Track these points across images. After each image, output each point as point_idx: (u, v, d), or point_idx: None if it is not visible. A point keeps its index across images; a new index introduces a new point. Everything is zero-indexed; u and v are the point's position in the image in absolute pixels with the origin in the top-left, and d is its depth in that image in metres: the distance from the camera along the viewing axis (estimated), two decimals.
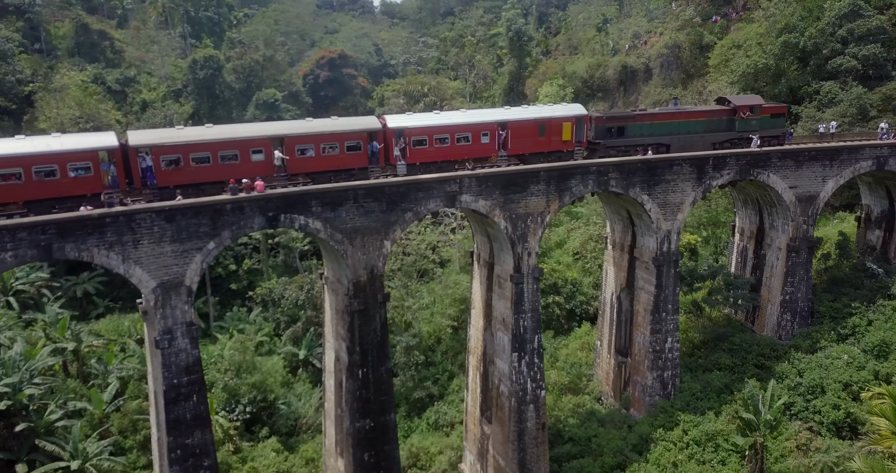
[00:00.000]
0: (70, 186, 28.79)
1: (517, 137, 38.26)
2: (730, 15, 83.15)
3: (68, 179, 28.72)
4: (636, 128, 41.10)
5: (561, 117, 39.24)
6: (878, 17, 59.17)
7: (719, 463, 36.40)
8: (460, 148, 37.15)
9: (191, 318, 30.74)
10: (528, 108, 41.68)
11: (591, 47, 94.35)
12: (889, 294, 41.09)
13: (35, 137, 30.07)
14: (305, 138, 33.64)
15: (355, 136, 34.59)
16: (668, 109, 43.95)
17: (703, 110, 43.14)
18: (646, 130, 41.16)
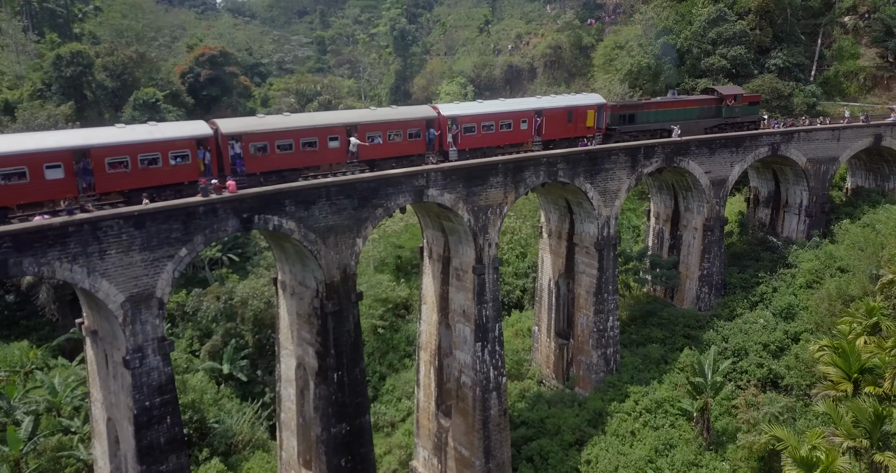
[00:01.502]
0: (171, 173, 28.94)
1: (550, 124, 40.64)
2: (603, 18, 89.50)
3: (169, 166, 28.78)
4: (644, 115, 45.06)
5: (586, 105, 42.13)
6: (739, 22, 66.77)
7: (670, 427, 39.57)
8: (503, 134, 39.08)
9: (162, 332, 28.23)
10: (555, 97, 44.31)
11: (477, 47, 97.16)
12: (787, 263, 46.75)
13: (134, 125, 30.16)
14: (375, 126, 34.49)
15: (416, 123, 36.07)
16: (668, 98, 48.78)
17: (696, 99, 48.43)
18: (651, 117, 45.20)
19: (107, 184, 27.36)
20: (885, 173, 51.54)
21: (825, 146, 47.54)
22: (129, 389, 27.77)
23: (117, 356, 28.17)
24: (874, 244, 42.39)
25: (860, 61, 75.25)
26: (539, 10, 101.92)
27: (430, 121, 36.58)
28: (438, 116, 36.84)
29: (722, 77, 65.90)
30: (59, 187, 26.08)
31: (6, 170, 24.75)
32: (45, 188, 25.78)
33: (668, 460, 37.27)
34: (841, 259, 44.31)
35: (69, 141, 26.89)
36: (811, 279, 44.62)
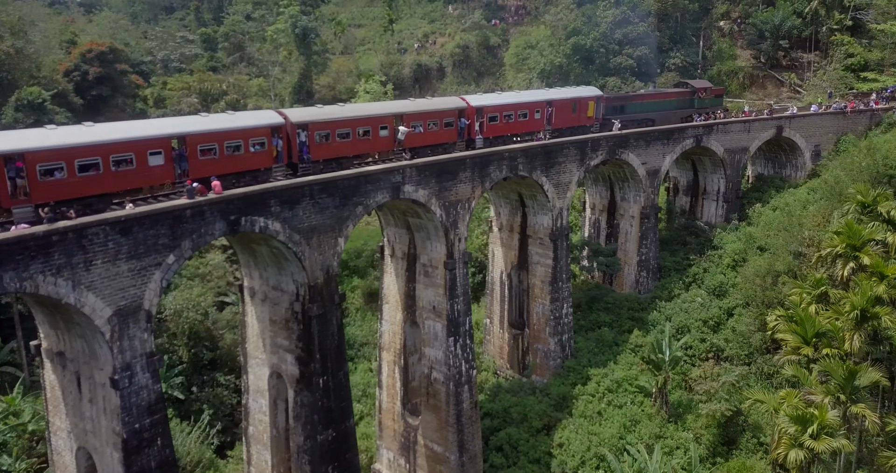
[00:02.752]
0: (251, 160, 29.97)
1: (559, 114, 43.77)
2: (506, 19, 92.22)
3: (249, 153, 29.81)
4: (632, 106, 49.50)
5: (587, 97, 45.77)
6: (641, 24, 71.46)
7: (632, 404, 41.85)
8: (521, 123, 41.88)
9: (151, 347, 26.10)
10: (561, 90, 47.96)
11: (381, 46, 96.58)
12: (713, 245, 50.76)
13: (217, 114, 31.65)
14: (417, 116, 36.50)
15: (451, 113, 38.40)
16: (651, 91, 54.07)
17: (674, 92, 53.42)
18: (638, 108, 49.71)
19: (199, 170, 28.00)
20: (782, 161, 57.26)
21: (738, 137, 52.13)
22: (116, 411, 25.41)
23: (100, 376, 25.67)
24: (790, 225, 47.09)
25: (738, 62, 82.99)
26: (441, 11, 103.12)
27: (461, 111, 38.89)
28: (468, 106, 39.13)
29: (628, 75, 70.27)
30: (160, 173, 26.93)
31: (117, 156, 25.42)
32: (149, 175, 26.60)
33: (636, 435, 39.42)
34: (759, 239, 48.83)
35: (168, 128, 27.88)
36: (736, 259, 48.79)
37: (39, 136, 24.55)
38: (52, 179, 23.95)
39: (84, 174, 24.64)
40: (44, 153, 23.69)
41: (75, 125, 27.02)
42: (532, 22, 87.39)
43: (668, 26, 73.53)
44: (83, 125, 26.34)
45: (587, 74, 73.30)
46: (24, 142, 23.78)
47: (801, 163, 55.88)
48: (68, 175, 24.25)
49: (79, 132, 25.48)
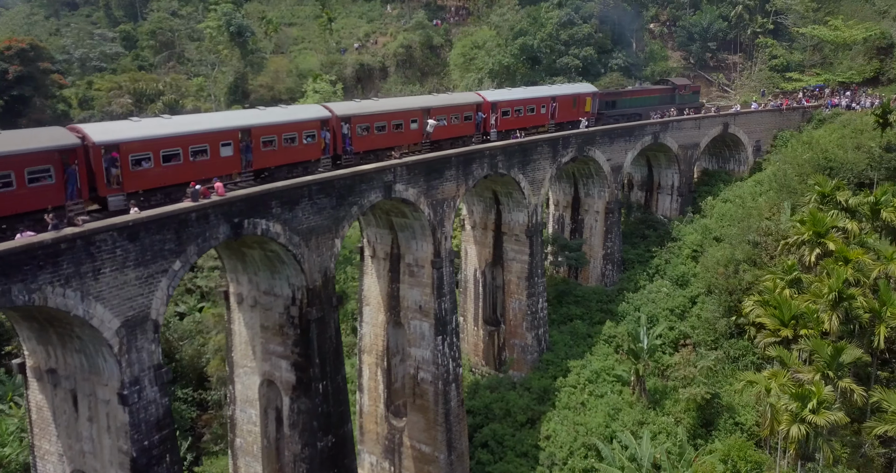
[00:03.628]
0: (303, 151, 31.48)
1: (562, 109, 47.06)
2: (448, 19, 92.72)
3: (302, 145, 31.33)
4: (622, 102, 53.62)
5: (585, 93, 49.27)
6: (585, 26, 73.64)
7: (612, 393, 43.10)
8: (530, 118, 44.92)
9: (158, 359, 24.72)
10: (561, 86, 52.25)
11: (320, 45, 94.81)
12: (672, 237, 52.99)
13: (271, 108, 33.18)
14: (443, 110, 38.52)
15: (470, 108, 40.67)
16: (638, 88, 58.25)
17: (658, 88, 57.52)
18: (628, 104, 53.89)
19: (260, 161, 29.59)
20: (726, 156, 60.49)
21: (691, 134, 54.66)
22: (124, 429, 23.90)
23: (103, 393, 24.06)
24: (744, 216, 49.85)
25: (670, 62, 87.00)
26: (379, 10, 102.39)
27: (479, 106, 41.15)
28: (484, 101, 41.48)
29: (575, 75, 72.22)
30: (229, 163, 28.23)
31: (195, 147, 26.63)
32: (220, 165, 27.82)
33: (619, 423, 40.61)
34: (715, 231, 51.43)
35: (236, 121, 29.16)
36: (695, 250, 51.16)
37: (131, 127, 25.65)
38: (141, 168, 25.03)
39: (167, 164, 25.83)
40: (136, 144, 24.75)
41: (155, 118, 28.56)
42: (475, 22, 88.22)
43: (610, 28, 76.06)
44: (162, 118, 28.03)
45: (534, 74, 74.83)
46: (119, 133, 24.70)
47: (744, 157, 59.22)
48: (154, 165, 25.36)
49: (162, 124, 26.61)
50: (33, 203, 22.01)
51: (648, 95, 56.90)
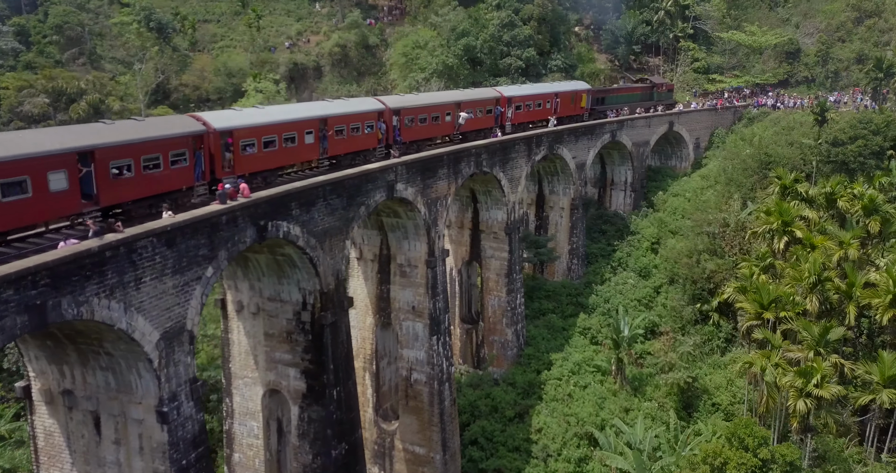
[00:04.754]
0: (364, 140, 33.25)
1: (563, 105, 50.22)
2: (381, 19, 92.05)
3: (364, 135, 33.12)
4: (610, 98, 57.94)
5: (581, 90, 53.05)
6: (525, 27, 75.39)
7: (595, 383, 44.47)
8: (538, 112, 47.90)
9: (193, 373, 23.24)
10: (561, 84, 55.62)
11: (250, 44, 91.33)
12: (631, 231, 55.33)
13: (337, 101, 35.18)
14: (470, 104, 41.19)
15: (490, 102, 43.45)
16: (623, 85, 63.82)
17: (639, 86, 61.76)
18: (614, 100, 58.01)
19: (333, 149, 31.41)
20: (668, 153, 63.86)
21: (642, 132, 57.30)
22: (161, 449, 22.29)
23: (136, 412, 22.31)
24: (696, 209, 52.88)
25: (597, 64, 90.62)
26: (307, 8, 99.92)
27: (497, 101, 44.10)
28: (501, 96, 44.40)
29: (517, 76, 73.74)
30: (310, 150, 30.27)
31: (287, 134, 28.75)
32: (304, 152, 30.00)
33: (607, 411, 41.99)
34: (670, 224, 54.24)
35: (316, 111, 31.01)
36: (654, 242, 53.71)
37: (239, 115, 27.83)
38: (247, 154, 26.87)
39: (266, 150, 27.75)
40: (245, 131, 26.73)
41: (252, 108, 30.88)
42: (411, 22, 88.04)
43: (547, 30, 78.21)
44: (257, 107, 30.65)
45: (476, 74, 75.73)
46: (232, 120, 26.72)
47: (686, 154, 62.77)
48: (257, 150, 27.31)
49: (262, 113, 28.80)
50: (173, 184, 24.16)
51: (631, 92, 61.30)
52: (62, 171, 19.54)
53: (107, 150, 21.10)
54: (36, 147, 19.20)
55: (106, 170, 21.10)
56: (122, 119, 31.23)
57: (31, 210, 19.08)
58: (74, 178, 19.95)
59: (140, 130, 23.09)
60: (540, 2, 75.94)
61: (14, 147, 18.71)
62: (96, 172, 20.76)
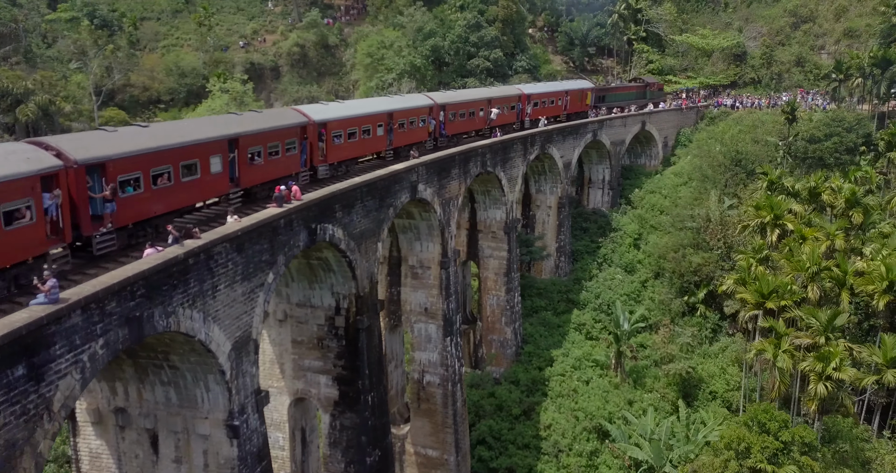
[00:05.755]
0: (418, 133, 36.22)
1: (572, 102, 54.12)
2: (339, 18, 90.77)
3: (418, 128, 36.03)
4: (610, 96, 62.02)
5: (587, 88, 57.17)
6: (491, 29, 76.04)
7: (595, 376, 45.38)
8: (550, 108, 51.49)
9: (258, 383, 22.27)
10: (568, 82, 60.64)
11: (201, 43, 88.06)
12: (613, 228, 56.71)
13: (396, 97, 39.68)
14: (500, 101, 44.40)
15: (514, 99, 46.77)
16: (619, 84, 66.97)
17: (634, 85, 65.58)
18: (613, 98, 62.05)
19: (397, 140, 34.14)
20: (638, 152, 65.81)
21: (619, 131, 58.84)
22: (229, 465, 21.30)
23: (202, 427, 21.19)
24: (671, 206, 54.83)
25: (553, 65, 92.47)
26: (260, 7, 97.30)
27: (519, 98, 47.19)
28: (522, 94, 47.48)
29: (485, 77, 74.28)
30: (380, 142, 32.84)
31: (365, 127, 31.12)
32: (377, 143, 32.69)
33: (612, 404, 42.90)
34: (650, 220, 55.99)
35: (384, 106, 33.80)
36: (636, 238, 55.29)
37: (331, 109, 30.00)
38: (336, 144, 29.00)
39: (350, 141, 30.01)
40: (335, 123, 28.88)
41: (334, 102, 33.60)
42: (372, 22, 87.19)
43: (511, 32, 79.15)
44: (336, 102, 33.91)
45: (443, 75, 75.83)
46: (327, 113, 28.82)
47: (656, 153, 64.88)
48: (343, 141, 29.55)
49: (343, 107, 31.34)
50: (288, 170, 26.18)
51: (628, 91, 65.00)
52: (219, 155, 21.63)
53: (247, 137, 23.34)
54: (202, 134, 21.25)
55: (245, 155, 23.31)
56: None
57: (199, 190, 21.41)
58: (226, 162, 22.13)
59: (264, 120, 25.37)
60: (504, 3, 76.73)
61: (188, 134, 20.88)
62: (239, 157, 22.89)
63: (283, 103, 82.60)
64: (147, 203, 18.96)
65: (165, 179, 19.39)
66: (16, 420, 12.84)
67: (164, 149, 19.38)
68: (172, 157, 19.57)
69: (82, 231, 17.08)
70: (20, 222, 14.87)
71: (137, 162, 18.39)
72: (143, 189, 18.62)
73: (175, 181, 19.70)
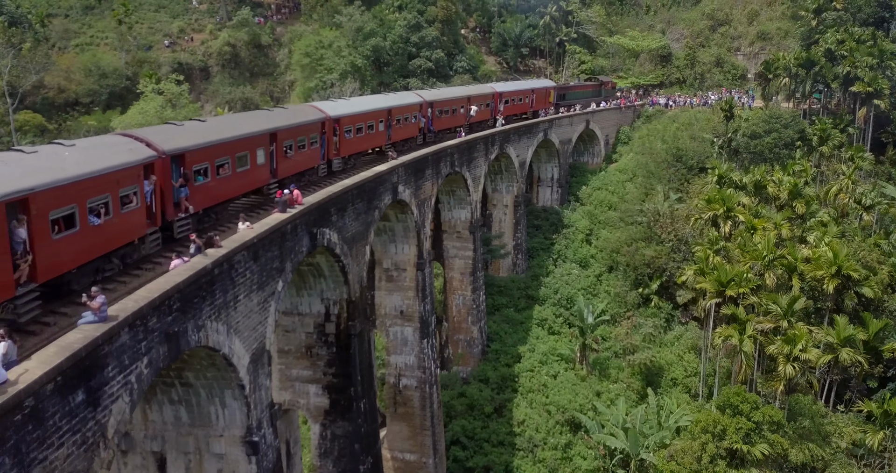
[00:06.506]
0: (411, 129, 38.68)
1: (538, 99, 58.00)
2: (269, 17, 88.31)
3: (411, 124, 38.43)
4: (569, 94, 65.02)
5: (550, 87, 61.59)
6: (432, 29, 76.10)
7: (562, 370, 46.30)
8: (520, 106, 55.40)
9: (271, 396, 21.38)
10: (535, 81, 66.12)
11: (119, 42, 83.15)
12: (564, 224, 57.99)
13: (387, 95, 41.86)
14: (476, 99, 47.72)
15: (489, 97, 49.51)
16: (577, 83, 70.18)
17: (591, 84, 68.12)
18: (572, 96, 65.39)
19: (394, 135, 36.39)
20: (581, 150, 67.56)
21: (567, 130, 60.25)
22: None
23: (217, 446, 20.18)
24: (618, 201, 56.78)
25: (488, 66, 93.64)
26: (184, 4, 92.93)
27: (493, 96, 50.37)
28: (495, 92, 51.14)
29: (427, 77, 74.26)
30: (382, 137, 35.08)
31: (370, 122, 33.49)
32: (379, 138, 34.85)
33: (582, 396, 43.91)
34: (598, 216, 57.70)
35: (384, 103, 35.94)
36: (587, 234, 56.82)
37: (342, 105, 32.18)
38: (348, 138, 31.13)
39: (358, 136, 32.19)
40: (348, 118, 31.02)
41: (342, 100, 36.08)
42: (307, 21, 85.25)
43: (450, 32, 79.48)
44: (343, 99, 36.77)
45: (384, 75, 75.21)
46: (338, 109, 30.82)
47: (598, 150, 66.88)
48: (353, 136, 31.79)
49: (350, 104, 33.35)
50: (311, 162, 28.16)
51: (585, 89, 67.71)
52: (263, 148, 23.33)
53: (283, 131, 24.90)
54: (251, 128, 23.05)
55: (281, 148, 24.92)
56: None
57: (249, 180, 23.11)
58: (268, 154, 23.81)
59: (294, 116, 27.35)
60: (444, 3, 76.96)
61: (239, 129, 22.63)
62: (276, 149, 24.48)
63: (214, 105, 79.51)
64: (212, 191, 21.07)
65: (226, 169, 21.52)
66: (77, 449, 11.77)
67: (225, 141, 21.40)
68: (231, 149, 21.65)
69: (167, 216, 18.99)
70: (129, 206, 16.63)
71: (206, 153, 20.51)
72: (209, 178, 20.71)
73: (232, 171, 21.76)
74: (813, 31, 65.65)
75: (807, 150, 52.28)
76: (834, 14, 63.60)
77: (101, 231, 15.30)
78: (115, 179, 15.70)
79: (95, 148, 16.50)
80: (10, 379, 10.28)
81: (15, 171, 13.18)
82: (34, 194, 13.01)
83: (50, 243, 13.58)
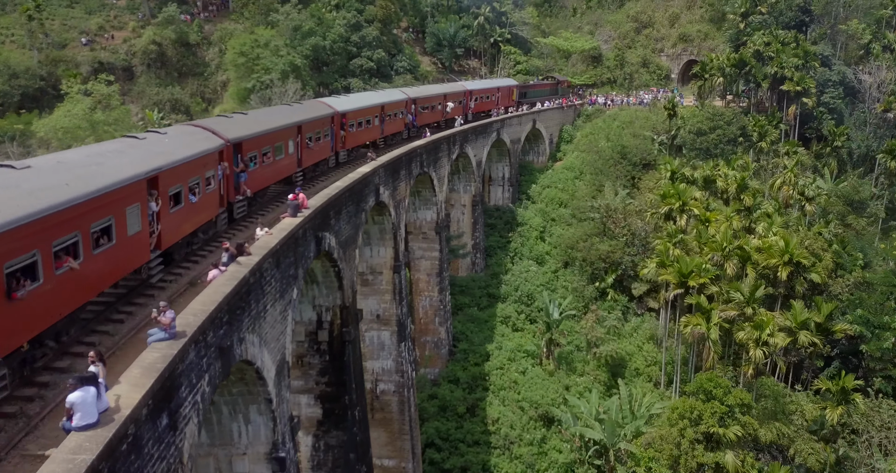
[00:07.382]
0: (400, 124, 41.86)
1: (503, 97, 61.58)
2: (196, 14, 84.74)
3: (400, 119, 41.58)
4: (530, 93, 68.79)
5: (513, 86, 65.65)
6: (372, 28, 75.24)
7: (530, 366, 46.84)
8: (487, 103, 58.51)
9: (290, 409, 20.47)
10: (501, 80, 70.61)
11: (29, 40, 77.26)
12: (518, 223, 58.70)
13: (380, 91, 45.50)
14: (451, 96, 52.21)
15: (461, 95, 54.14)
16: (537, 82, 72.61)
17: (548, 83, 71.60)
18: (532, 94, 68.53)
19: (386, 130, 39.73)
20: (527, 149, 68.56)
21: (516, 130, 60.96)
22: None
23: (241, 464, 19.14)
24: (568, 199, 58.15)
25: (424, 66, 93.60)
26: (100, 1, 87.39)
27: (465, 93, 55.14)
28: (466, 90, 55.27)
29: (368, 77, 73.37)
30: (376, 131, 38.32)
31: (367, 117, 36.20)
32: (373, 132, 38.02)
33: (552, 391, 44.57)
34: (550, 213, 58.82)
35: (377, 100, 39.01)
36: (541, 231, 57.78)
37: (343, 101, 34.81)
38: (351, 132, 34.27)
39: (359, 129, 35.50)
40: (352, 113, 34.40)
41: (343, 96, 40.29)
42: (238, 19, 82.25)
43: (389, 32, 78.82)
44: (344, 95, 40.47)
45: (324, 75, 73.72)
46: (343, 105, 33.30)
47: (543, 149, 68.13)
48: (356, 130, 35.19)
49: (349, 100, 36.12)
50: (324, 154, 30.48)
51: (543, 88, 70.84)
52: (292, 139, 25.58)
53: (307, 124, 27.25)
54: (285, 120, 25.40)
55: (305, 140, 27.07)
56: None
57: (283, 168, 25.30)
58: (296, 144, 26.04)
59: (312, 110, 29.35)
60: (382, 3, 76.22)
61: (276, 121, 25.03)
62: (301, 141, 26.53)
63: (141, 107, 75.37)
64: (260, 177, 23.62)
65: (269, 157, 24.00)
66: None
67: (269, 132, 23.73)
68: (272, 139, 24.04)
69: (229, 197, 21.58)
70: (210, 187, 19.51)
71: (258, 142, 22.98)
72: (258, 165, 23.21)
73: (273, 159, 24.28)
74: (741, 34, 69.49)
75: (747, 146, 55.29)
76: (759, 17, 67.58)
77: (195, 208, 18.19)
78: (203, 162, 18.26)
79: (184, 136, 18.99)
80: (111, 406, 9.28)
81: (144, 154, 15.72)
82: (162, 173, 15.75)
83: (168, 216, 16.32)
